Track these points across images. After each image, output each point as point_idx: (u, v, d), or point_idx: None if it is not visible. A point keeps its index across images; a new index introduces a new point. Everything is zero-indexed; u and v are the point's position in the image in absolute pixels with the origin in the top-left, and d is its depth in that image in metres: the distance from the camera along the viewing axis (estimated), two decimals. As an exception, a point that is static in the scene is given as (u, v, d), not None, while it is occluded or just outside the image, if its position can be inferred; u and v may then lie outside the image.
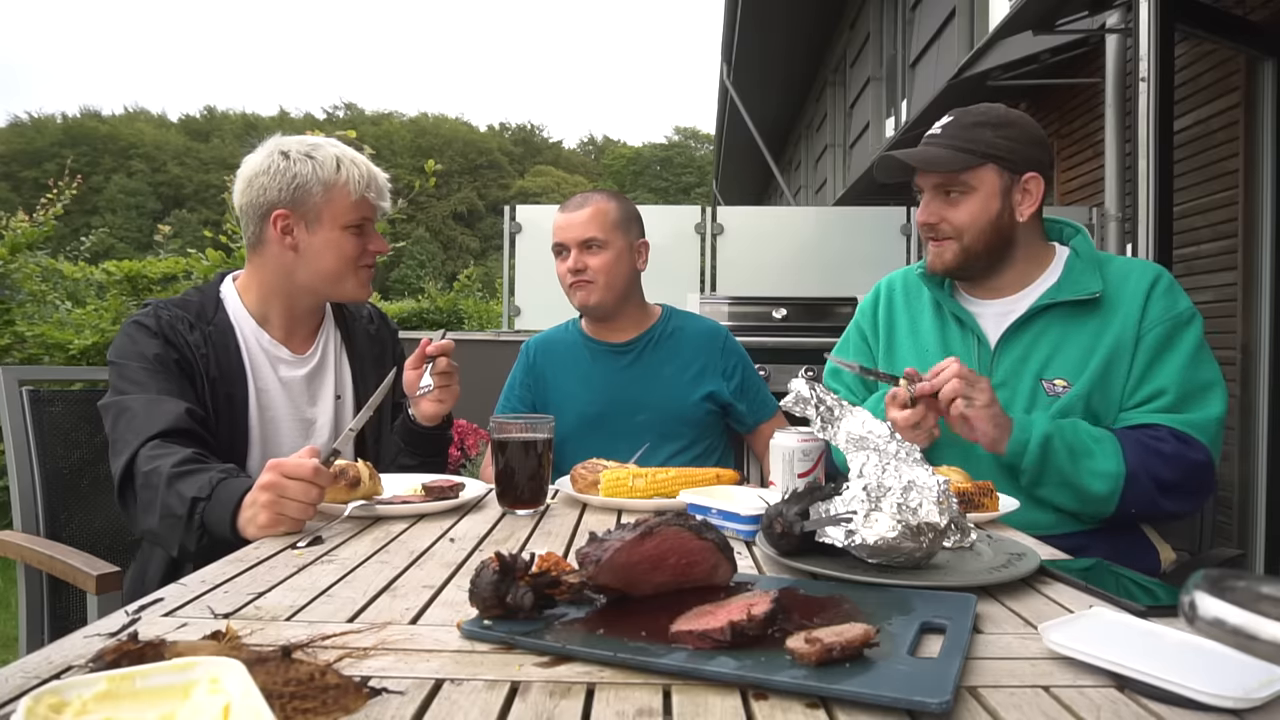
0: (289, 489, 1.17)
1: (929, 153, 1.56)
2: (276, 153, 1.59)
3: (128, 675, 0.52)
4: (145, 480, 1.32)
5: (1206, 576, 0.49)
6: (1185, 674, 0.63)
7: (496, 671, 0.69)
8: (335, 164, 1.58)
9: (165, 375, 1.47)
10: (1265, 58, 3.59)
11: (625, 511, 1.40)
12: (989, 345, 1.60)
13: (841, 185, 10.95)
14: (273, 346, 1.64)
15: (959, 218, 1.56)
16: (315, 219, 1.58)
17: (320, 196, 1.57)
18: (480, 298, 12.47)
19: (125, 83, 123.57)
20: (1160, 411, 1.48)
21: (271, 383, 1.62)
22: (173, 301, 1.59)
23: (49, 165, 36.16)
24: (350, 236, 1.61)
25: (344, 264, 1.61)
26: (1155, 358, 1.50)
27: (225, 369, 1.55)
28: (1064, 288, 1.57)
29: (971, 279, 1.65)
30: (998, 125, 1.54)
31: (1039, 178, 1.56)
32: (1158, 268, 1.59)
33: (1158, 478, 1.42)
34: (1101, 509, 1.46)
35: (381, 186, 1.65)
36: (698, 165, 54.17)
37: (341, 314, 1.77)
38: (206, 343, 1.54)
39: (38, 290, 5.69)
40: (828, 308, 3.96)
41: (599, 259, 1.94)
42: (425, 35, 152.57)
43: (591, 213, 1.95)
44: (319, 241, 1.59)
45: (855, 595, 0.87)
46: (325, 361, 1.71)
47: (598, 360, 2.02)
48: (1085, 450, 1.44)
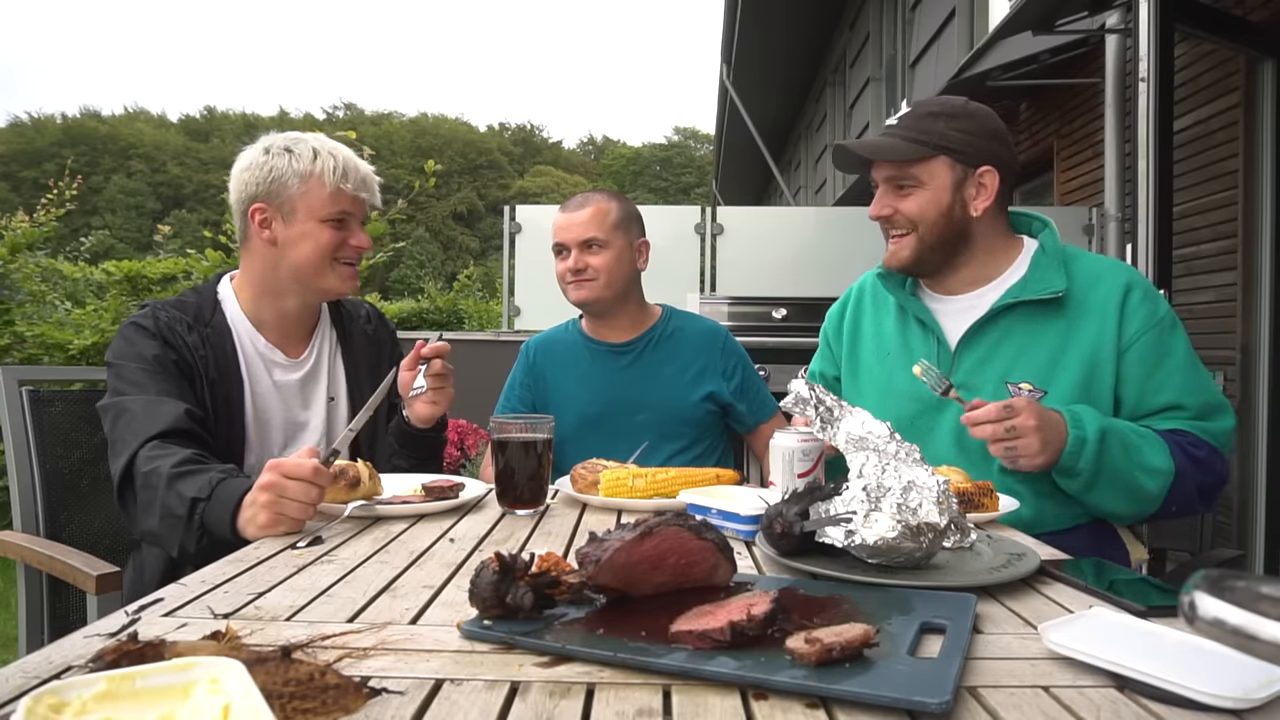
0: (289, 489, 1.17)
1: (880, 143, 1.53)
2: (259, 149, 1.60)
3: (128, 675, 0.52)
4: (145, 481, 1.32)
5: (1206, 576, 0.49)
6: (1185, 674, 0.63)
7: (496, 671, 0.69)
8: (312, 155, 1.57)
9: (164, 376, 1.47)
10: (1265, 58, 3.59)
11: (625, 511, 1.40)
12: (949, 345, 1.56)
13: (841, 185, 10.93)
14: (268, 350, 1.64)
15: (909, 209, 1.52)
16: (291, 211, 1.57)
17: (296, 189, 1.56)
18: (480, 298, 12.48)
19: (125, 83, 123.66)
20: (1184, 421, 1.46)
21: (266, 385, 1.62)
22: (170, 303, 1.59)
23: (49, 165, 36.19)
24: (327, 229, 1.58)
25: (320, 257, 1.59)
26: (1153, 368, 1.46)
27: (223, 370, 1.55)
28: (1028, 286, 1.52)
29: (928, 275, 1.61)
30: (952, 116, 1.51)
31: (994, 171, 1.51)
32: (1129, 270, 1.55)
33: (1198, 480, 1.41)
34: (1147, 509, 1.42)
35: (363, 180, 1.62)
36: (698, 165, 54.18)
37: (338, 314, 1.77)
38: (205, 344, 1.54)
39: (38, 290, 5.69)
40: (827, 308, 3.95)
41: (599, 258, 1.94)
42: (425, 35, 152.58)
43: (592, 213, 1.95)
44: (295, 234, 1.58)
45: (855, 595, 0.87)
46: (319, 365, 1.70)
47: (598, 360, 2.02)
48: (1135, 446, 1.39)
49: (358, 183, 1.60)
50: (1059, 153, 5.32)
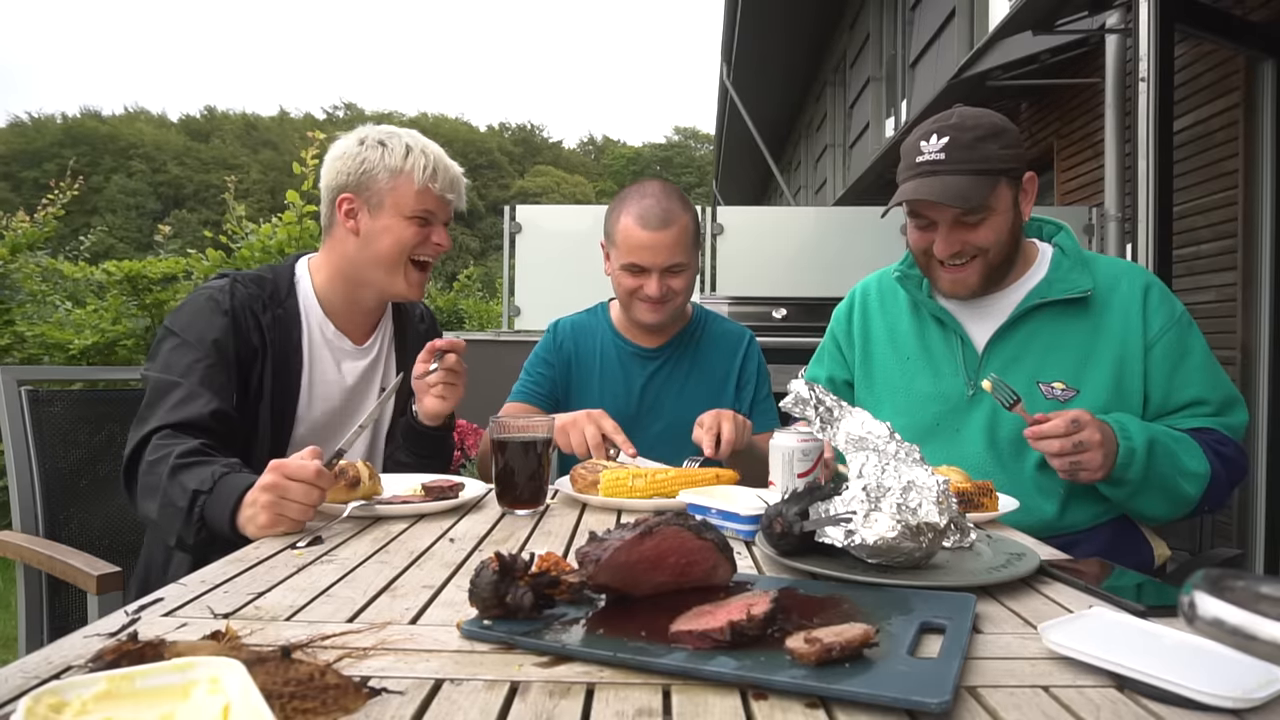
0: (290, 490, 1.17)
1: (952, 185, 1.44)
2: (355, 139, 1.62)
3: (127, 675, 0.52)
4: (150, 466, 1.32)
5: (1206, 576, 0.49)
6: (1185, 674, 0.63)
7: (496, 671, 0.69)
8: (404, 151, 1.59)
9: (217, 367, 1.46)
10: (1265, 58, 3.59)
11: (625, 511, 1.40)
12: (975, 347, 1.57)
13: (841, 185, 10.96)
14: (336, 338, 1.65)
15: (984, 239, 1.48)
16: (378, 205, 1.59)
17: (386, 183, 1.58)
18: (480, 298, 12.48)
19: (125, 83, 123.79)
20: (1206, 417, 1.47)
21: (331, 374, 1.63)
22: (249, 276, 1.60)
23: (49, 165, 36.20)
24: (410, 225, 1.60)
25: (400, 251, 1.60)
26: (1176, 366, 1.48)
27: (286, 357, 1.56)
28: (1053, 286, 1.53)
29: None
30: (996, 135, 1.47)
31: (1034, 175, 1.53)
32: (1145, 271, 1.58)
33: (1230, 479, 1.43)
34: (1182, 511, 1.42)
35: (451, 181, 1.64)
36: (698, 165, 54.19)
37: (398, 308, 1.79)
38: (275, 326, 1.56)
39: (38, 290, 5.70)
40: (828, 308, 3.92)
41: (681, 281, 1.83)
42: (425, 35, 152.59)
43: (678, 233, 1.78)
44: (379, 227, 1.60)
45: (855, 595, 0.87)
46: (380, 355, 1.73)
47: (625, 363, 1.96)
48: (1175, 453, 1.39)
49: (446, 183, 1.62)
50: (1059, 153, 5.32)
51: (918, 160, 1.48)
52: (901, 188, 1.50)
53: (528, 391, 1.95)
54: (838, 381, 1.79)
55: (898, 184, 1.53)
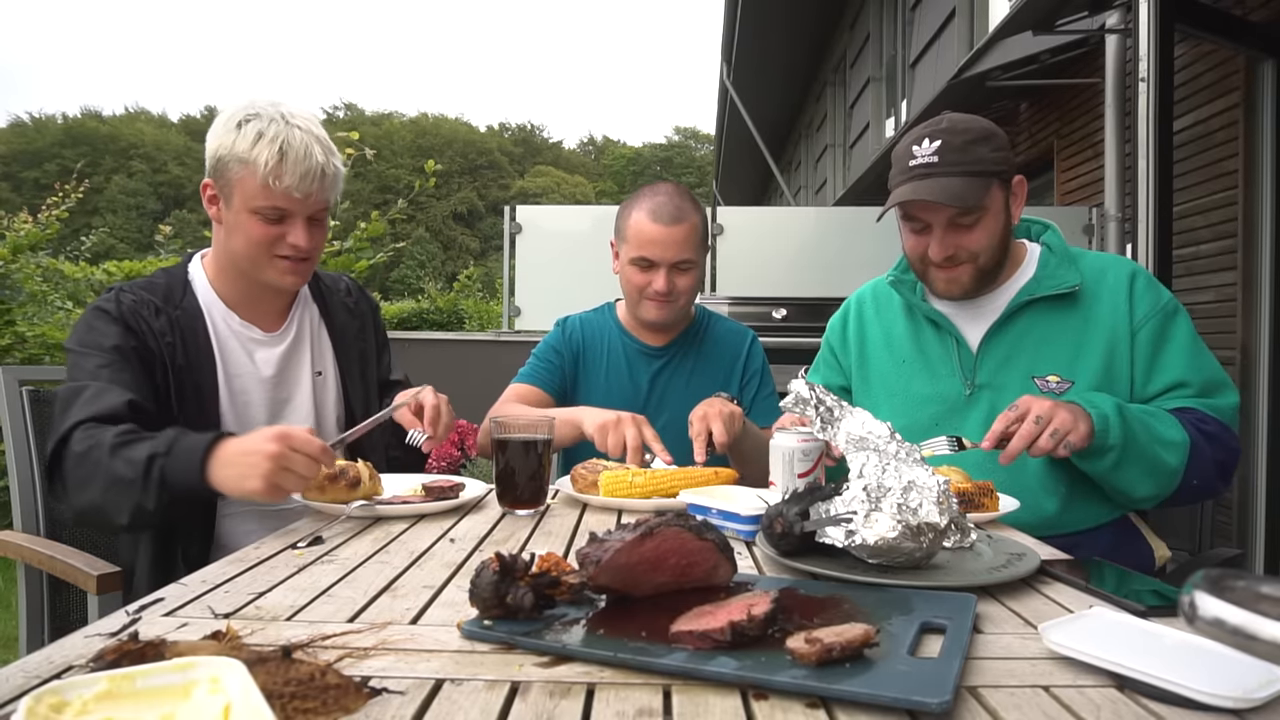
0: (294, 461, 1.16)
1: (949, 187, 1.45)
2: (226, 114, 1.48)
3: (128, 675, 0.52)
4: (80, 458, 1.28)
5: (1206, 576, 0.49)
6: (1185, 674, 0.63)
7: (496, 672, 0.69)
8: (253, 139, 1.42)
9: (120, 368, 1.40)
10: (1265, 58, 3.59)
11: (625, 511, 1.40)
12: (969, 346, 1.59)
13: (841, 185, 10.96)
14: (244, 328, 1.57)
15: (977, 242, 1.50)
16: (229, 195, 1.47)
17: (235, 173, 1.44)
18: (480, 298, 12.49)
19: (125, 83, 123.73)
20: (1188, 398, 1.48)
21: (245, 367, 1.56)
22: (138, 284, 1.51)
23: (49, 166, 36.26)
24: (259, 222, 1.46)
25: (253, 249, 1.48)
26: (1157, 351, 1.50)
27: (192, 356, 1.48)
28: (1042, 283, 1.56)
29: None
30: (986, 138, 1.49)
31: (1023, 178, 1.55)
32: (1130, 262, 1.60)
33: (1215, 455, 1.42)
34: (1169, 484, 1.41)
35: (304, 175, 1.43)
36: (698, 165, 54.20)
37: (317, 287, 1.70)
38: (173, 329, 1.47)
39: (38, 291, 5.69)
40: (828, 308, 3.93)
41: (688, 279, 1.85)
42: (425, 35, 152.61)
43: (689, 230, 1.81)
44: (232, 220, 1.48)
45: (855, 595, 0.87)
46: (301, 338, 1.64)
47: (631, 361, 1.97)
48: (1148, 423, 1.39)
49: (295, 179, 1.43)
50: (1059, 153, 5.32)
51: (911, 164, 1.49)
52: (896, 191, 1.51)
53: (537, 376, 1.94)
54: (832, 388, 1.80)
55: (889, 190, 1.54)
